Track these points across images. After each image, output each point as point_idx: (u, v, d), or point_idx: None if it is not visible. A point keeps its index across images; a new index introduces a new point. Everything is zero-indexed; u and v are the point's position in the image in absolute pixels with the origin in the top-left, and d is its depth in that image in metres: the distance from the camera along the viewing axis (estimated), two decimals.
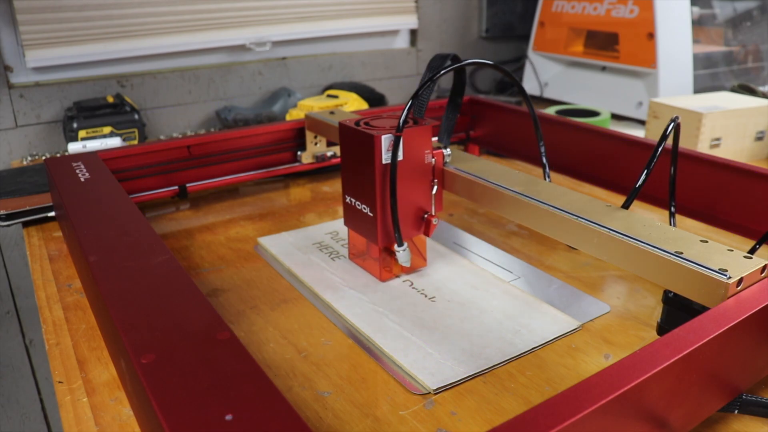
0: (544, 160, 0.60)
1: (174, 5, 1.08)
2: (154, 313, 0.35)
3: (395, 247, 0.53)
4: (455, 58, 0.55)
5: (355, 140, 0.52)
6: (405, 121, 0.50)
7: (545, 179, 0.57)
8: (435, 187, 0.55)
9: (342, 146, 0.54)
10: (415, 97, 0.52)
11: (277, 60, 1.22)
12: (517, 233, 0.67)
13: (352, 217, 0.55)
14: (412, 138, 0.51)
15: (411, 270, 0.57)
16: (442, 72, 0.52)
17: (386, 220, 0.52)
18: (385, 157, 0.50)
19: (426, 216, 0.55)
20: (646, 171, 0.47)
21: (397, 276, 0.56)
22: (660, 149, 0.47)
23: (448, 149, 0.56)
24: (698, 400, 0.34)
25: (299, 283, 0.56)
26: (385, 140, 0.50)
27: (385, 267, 0.55)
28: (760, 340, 0.37)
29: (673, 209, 0.51)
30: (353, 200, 0.54)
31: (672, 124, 0.47)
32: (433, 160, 0.54)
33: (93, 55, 1.04)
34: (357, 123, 0.53)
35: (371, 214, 0.52)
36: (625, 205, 0.47)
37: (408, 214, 0.53)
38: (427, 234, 0.55)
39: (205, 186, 0.76)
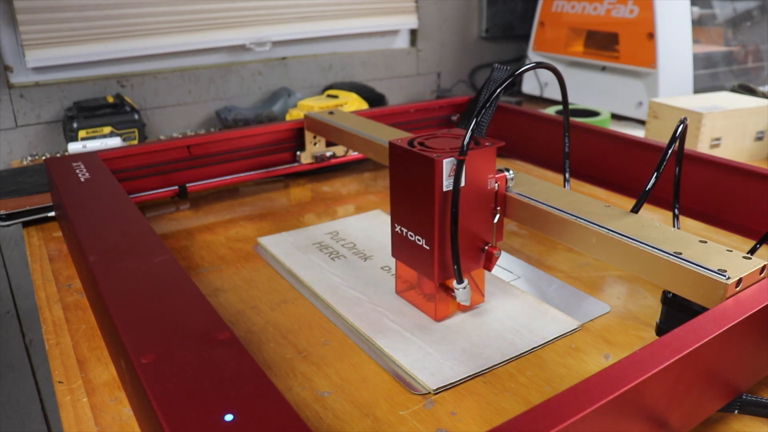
0: (567, 170, 0.56)
1: (174, 5, 1.08)
2: (154, 313, 0.35)
3: (454, 284, 0.47)
4: (512, 73, 0.49)
5: (409, 163, 0.45)
6: (468, 143, 0.43)
7: (564, 186, 0.54)
8: (497, 216, 0.49)
9: (392, 169, 0.47)
10: (478, 114, 0.45)
11: (277, 60, 1.22)
12: (517, 233, 0.66)
13: (402, 249, 0.49)
14: (474, 161, 0.45)
15: (469, 308, 0.51)
16: (505, 83, 0.46)
17: (444, 254, 0.46)
18: (446, 184, 0.44)
19: (486, 248, 0.48)
20: (655, 175, 0.46)
21: (454, 315, 0.50)
22: (669, 152, 0.46)
23: (511, 171, 0.50)
24: (698, 400, 0.34)
25: (299, 283, 0.56)
26: (447, 165, 0.43)
27: (441, 305, 0.49)
28: (760, 341, 0.37)
29: (677, 211, 0.51)
30: (404, 230, 0.48)
31: (681, 126, 0.47)
32: (497, 185, 0.48)
33: (93, 55, 1.04)
34: (411, 143, 0.46)
35: (427, 247, 0.46)
36: (635, 210, 0.47)
37: (467, 245, 0.47)
38: (488, 268, 0.49)
39: (205, 186, 0.76)
